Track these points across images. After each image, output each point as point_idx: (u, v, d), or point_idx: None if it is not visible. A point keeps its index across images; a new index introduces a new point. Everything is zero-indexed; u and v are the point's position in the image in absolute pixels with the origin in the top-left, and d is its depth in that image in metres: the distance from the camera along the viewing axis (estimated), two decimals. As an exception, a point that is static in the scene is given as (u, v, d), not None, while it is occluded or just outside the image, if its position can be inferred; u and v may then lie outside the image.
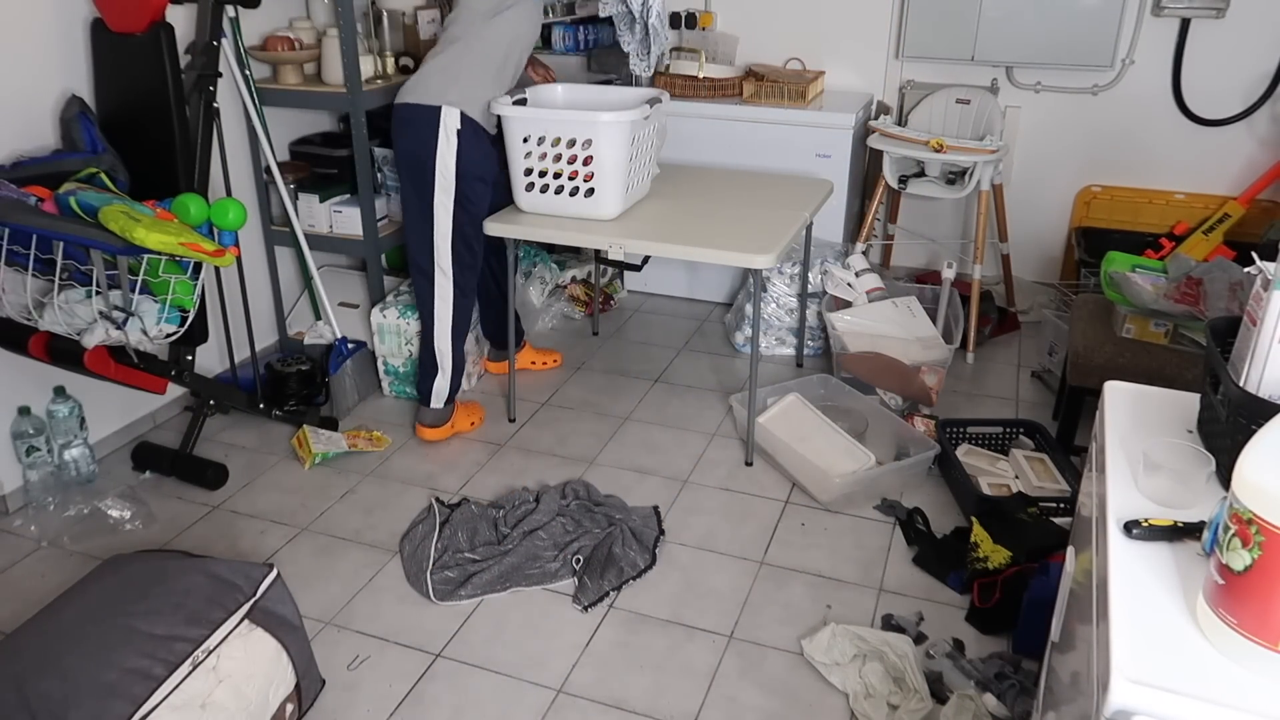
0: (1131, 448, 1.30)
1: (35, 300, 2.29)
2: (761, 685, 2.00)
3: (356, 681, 2.02)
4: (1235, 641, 0.94)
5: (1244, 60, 3.38)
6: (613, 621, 2.18)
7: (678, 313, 3.85)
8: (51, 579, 2.30)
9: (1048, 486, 2.50)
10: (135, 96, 2.55)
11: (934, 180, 3.49)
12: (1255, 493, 0.90)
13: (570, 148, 2.61)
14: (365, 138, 2.96)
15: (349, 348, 3.09)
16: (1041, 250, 3.91)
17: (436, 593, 2.24)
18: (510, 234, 2.74)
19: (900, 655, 1.98)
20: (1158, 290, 2.47)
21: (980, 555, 2.22)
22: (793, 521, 2.53)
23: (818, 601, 2.24)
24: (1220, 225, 3.39)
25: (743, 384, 3.25)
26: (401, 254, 3.49)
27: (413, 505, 2.59)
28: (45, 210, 2.20)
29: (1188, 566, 1.08)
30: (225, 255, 2.23)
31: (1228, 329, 1.27)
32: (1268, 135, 3.46)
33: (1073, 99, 3.64)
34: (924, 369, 2.93)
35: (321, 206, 3.10)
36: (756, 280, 2.65)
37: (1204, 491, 1.18)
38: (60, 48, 2.51)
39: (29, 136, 2.46)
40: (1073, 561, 1.44)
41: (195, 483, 2.67)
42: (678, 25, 3.94)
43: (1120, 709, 0.92)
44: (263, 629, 1.75)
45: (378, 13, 3.09)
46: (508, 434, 2.96)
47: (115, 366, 2.37)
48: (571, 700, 1.97)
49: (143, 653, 1.58)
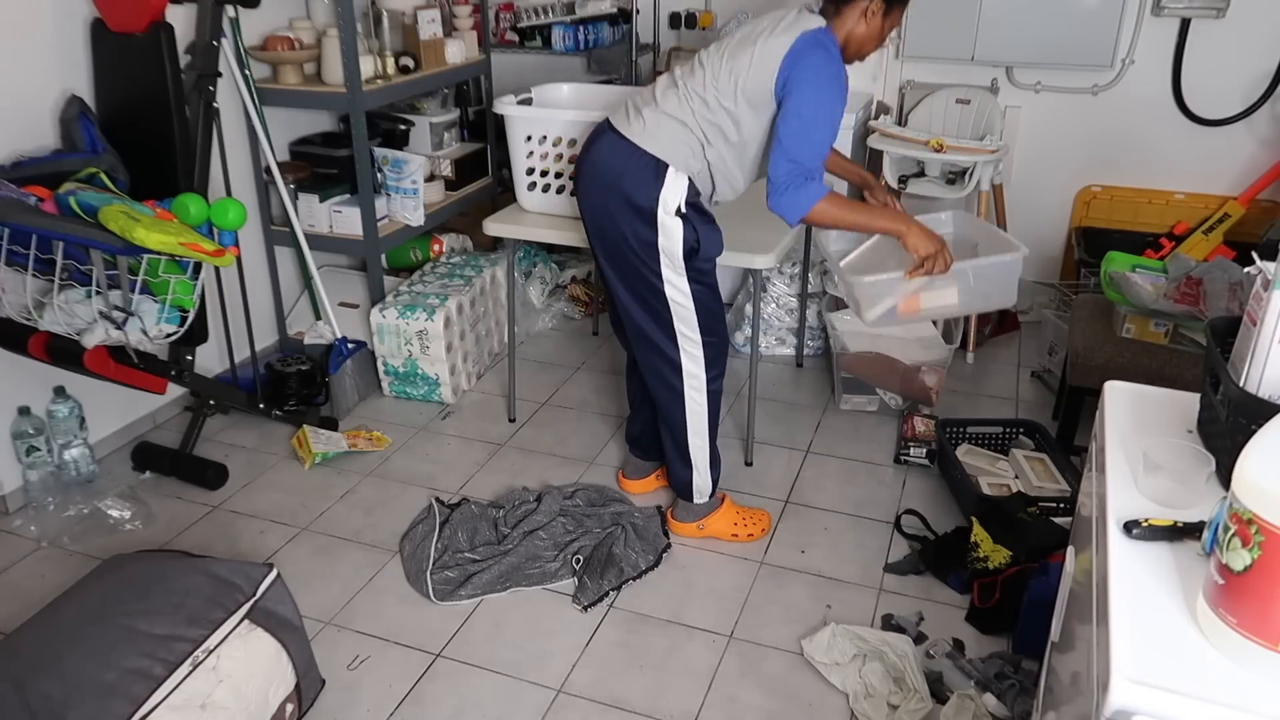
0: (1131, 448, 1.30)
1: (35, 300, 2.29)
2: (761, 685, 2.00)
3: (356, 681, 2.02)
4: (1235, 641, 0.94)
5: (1244, 60, 3.38)
6: (613, 621, 2.18)
7: (678, 313, 3.85)
8: (51, 579, 2.30)
9: (1048, 486, 2.50)
10: (135, 96, 2.55)
11: (934, 180, 3.49)
12: (1255, 493, 0.90)
13: (572, 147, 2.61)
14: (365, 138, 2.96)
15: (349, 348, 3.09)
16: (1041, 250, 3.90)
17: (436, 593, 2.24)
18: (511, 234, 2.74)
19: (900, 655, 1.98)
20: (1158, 290, 2.47)
21: (980, 555, 2.22)
22: (793, 521, 2.53)
23: (818, 601, 2.24)
24: (1220, 225, 3.39)
25: (743, 384, 3.25)
26: (402, 254, 3.50)
27: (413, 505, 2.59)
28: (45, 210, 2.20)
29: (1188, 566, 1.08)
30: (225, 255, 2.23)
31: (1228, 329, 1.27)
32: (1268, 135, 3.45)
33: (1073, 99, 3.64)
34: (924, 369, 2.93)
35: (321, 206, 3.10)
36: (756, 280, 2.65)
37: (1204, 491, 1.18)
38: (60, 48, 2.51)
39: (29, 136, 2.46)
40: (1073, 561, 1.44)
41: (195, 483, 2.67)
42: (678, 25, 3.94)
43: (1120, 709, 0.92)
44: (263, 629, 1.75)
45: (378, 13, 3.09)
46: (508, 434, 2.96)
47: (115, 366, 2.37)
48: (571, 700, 1.97)
49: (143, 653, 1.58)
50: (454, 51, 3.31)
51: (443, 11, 3.29)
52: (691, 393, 2.28)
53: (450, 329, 3.06)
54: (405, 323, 3.02)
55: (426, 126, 3.38)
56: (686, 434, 2.33)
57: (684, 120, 2.07)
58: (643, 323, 2.23)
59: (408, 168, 3.12)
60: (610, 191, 2.11)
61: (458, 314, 3.10)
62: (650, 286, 2.16)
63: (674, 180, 2.07)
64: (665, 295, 2.16)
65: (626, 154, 2.09)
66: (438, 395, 3.12)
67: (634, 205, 2.09)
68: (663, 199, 2.07)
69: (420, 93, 3.29)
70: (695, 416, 2.31)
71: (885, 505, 2.58)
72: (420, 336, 3.02)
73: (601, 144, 2.14)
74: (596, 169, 2.14)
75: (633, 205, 2.09)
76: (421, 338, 3.02)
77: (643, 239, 2.11)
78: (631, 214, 2.09)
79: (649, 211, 2.08)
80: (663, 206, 2.07)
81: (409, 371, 3.10)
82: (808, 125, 1.99)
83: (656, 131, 2.08)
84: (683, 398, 2.29)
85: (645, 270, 2.14)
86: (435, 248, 3.50)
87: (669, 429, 2.36)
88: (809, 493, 2.65)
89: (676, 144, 2.07)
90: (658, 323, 2.21)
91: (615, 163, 2.10)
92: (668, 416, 2.34)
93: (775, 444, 2.89)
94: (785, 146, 2.00)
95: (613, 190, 2.10)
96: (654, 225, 2.09)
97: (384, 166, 3.15)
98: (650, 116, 2.09)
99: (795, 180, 2.01)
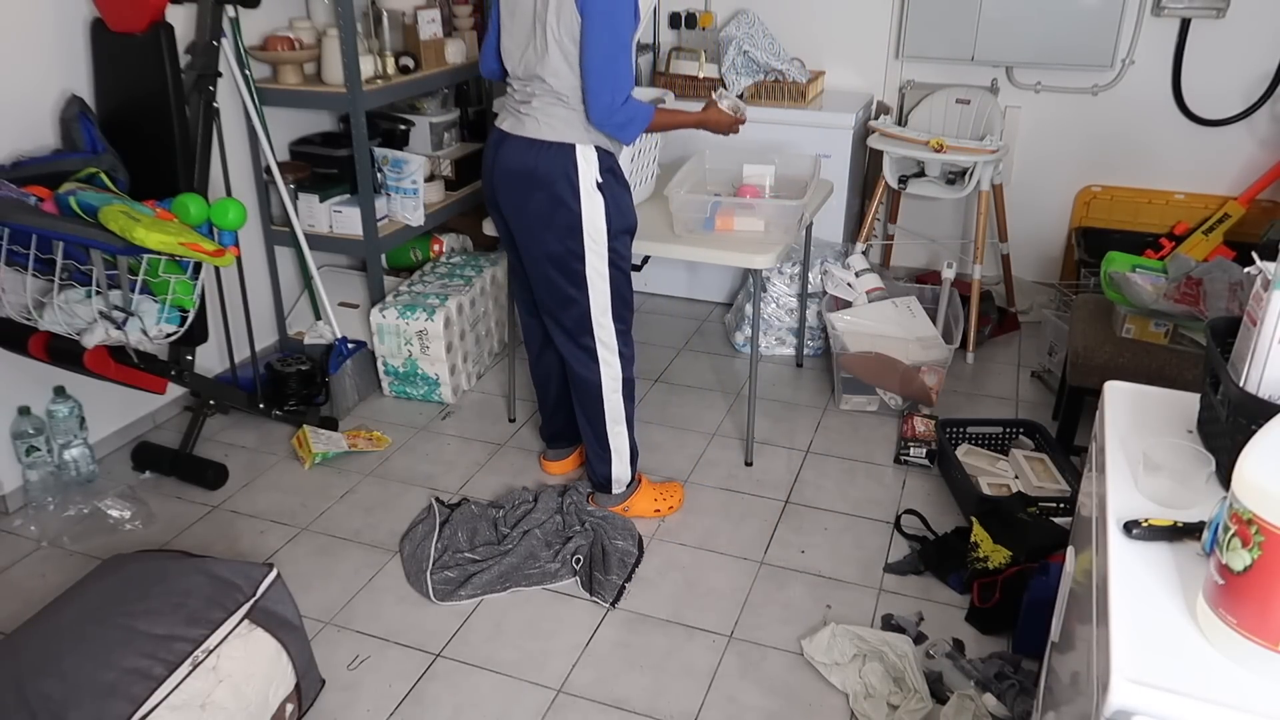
0: (1131, 448, 1.30)
1: (35, 300, 2.29)
2: (761, 685, 2.00)
3: (356, 681, 2.02)
4: (1235, 641, 0.94)
5: (1244, 60, 3.38)
6: (613, 621, 2.18)
7: (678, 313, 3.85)
8: (51, 579, 2.30)
9: (1048, 486, 2.50)
10: (135, 96, 2.55)
11: (934, 180, 3.49)
12: (1255, 493, 0.90)
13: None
14: (365, 138, 2.96)
15: (349, 348, 3.09)
16: (1041, 250, 3.90)
17: (436, 593, 2.24)
18: (510, 234, 2.74)
19: (900, 655, 1.98)
20: (1158, 290, 2.47)
21: (980, 555, 2.22)
22: (793, 521, 2.53)
23: (818, 601, 2.24)
24: (1220, 225, 3.39)
25: (743, 384, 3.25)
26: (402, 254, 3.49)
27: (413, 505, 2.59)
28: (45, 210, 2.20)
29: (1188, 566, 1.08)
30: (225, 255, 2.23)
31: (1228, 329, 1.27)
32: (1268, 135, 3.45)
33: (1073, 99, 3.64)
34: (924, 369, 2.93)
35: (321, 206, 3.10)
36: (756, 280, 2.65)
37: (1204, 491, 1.18)
38: (60, 48, 2.51)
39: (29, 136, 2.46)
40: (1073, 561, 1.44)
41: (195, 483, 2.67)
42: (678, 25, 3.95)
43: (1120, 709, 0.92)
44: (263, 629, 1.75)
45: (378, 13, 3.09)
46: (508, 434, 2.95)
47: (115, 366, 2.37)
48: (571, 700, 1.97)
49: (142, 653, 1.58)
50: (454, 51, 3.31)
51: (443, 11, 3.28)
52: (609, 380, 2.39)
53: (450, 329, 3.06)
54: (405, 323, 3.01)
55: (426, 126, 3.38)
56: (605, 423, 2.42)
57: (560, 97, 2.13)
58: (561, 314, 2.32)
59: (408, 168, 3.12)
60: (527, 188, 2.19)
61: (458, 314, 3.10)
62: (571, 272, 2.25)
63: (584, 154, 2.15)
64: (586, 279, 2.25)
65: (534, 150, 2.17)
66: (438, 395, 3.12)
67: (553, 194, 2.16)
68: (582, 176, 2.15)
69: (420, 93, 3.29)
70: (613, 405, 2.41)
71: (885, 505, 2.58)
72: (420, 336, 3.02)
73: (506, 149, 2.22)
74: (510, 173, 2.22)
75: (552, 194, 2.17)
76: (421, 338, 3.02)
77: (566, 224, 2.19)
78: (552, 203, 2.18)
79: (571, 192, 2.16)
80: (583, 183, 2.16)
81: (409, 371, 3.10)
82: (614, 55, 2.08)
83: (550, 120, 2.15)
84: (600, 387, 2.39)
85: (569, 257, 2.23)
86: (435, 248, 3.50)
87: (588, 419, 2.45)
88: (809, 493, 2.65)
89: (572, 122, 2.14)
90: (575, 311, 2.30)
91: (526, 160, 2.18)
92: (587, 406, 2.43)
93: (775, 444, 2.89)
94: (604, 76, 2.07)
95: (529, 186, 2.19)
96: (577, 204, 2.17)
97: (384, 166, 3.15)
98: (537, 111, 2.16)
99: (626, 106, 2.11)
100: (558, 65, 2.10)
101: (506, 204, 2.27)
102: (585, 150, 2.15)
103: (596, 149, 2.16)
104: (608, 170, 2.19)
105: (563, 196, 2.16)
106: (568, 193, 2.16)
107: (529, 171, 2.18)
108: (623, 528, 2.45)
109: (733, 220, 2.58)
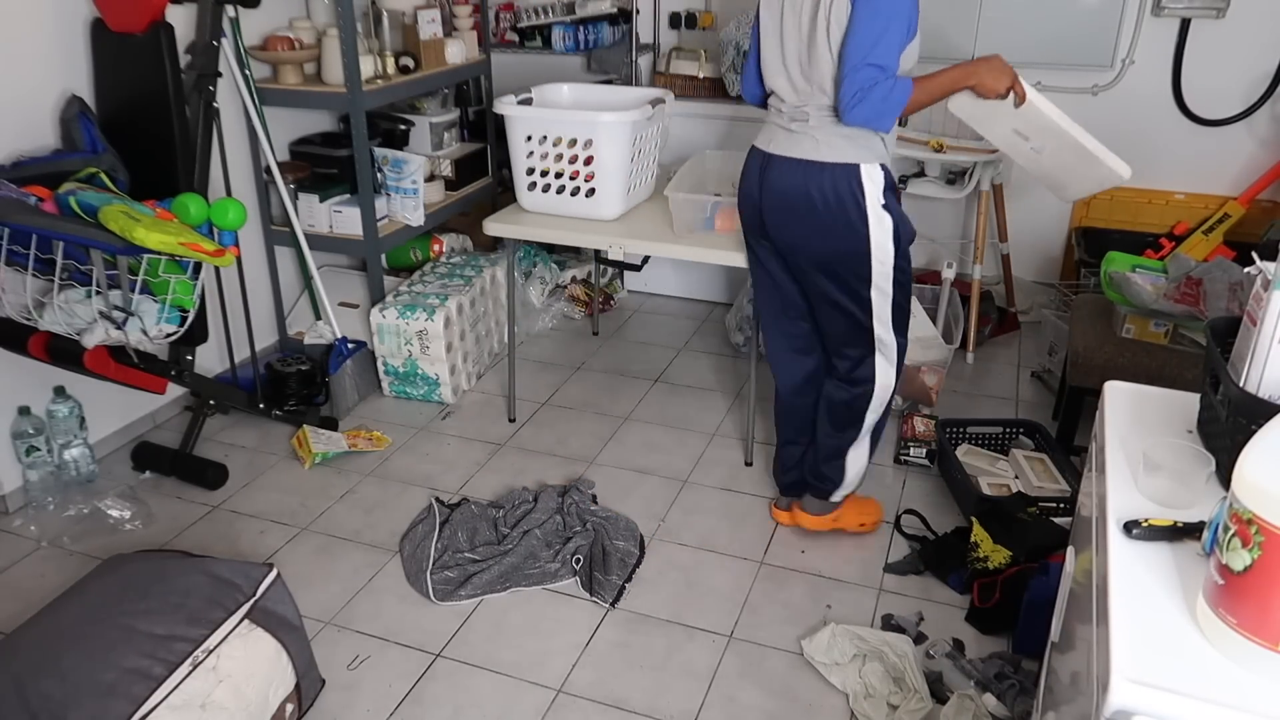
0: (1131, 448, 1.30)
1: (35, 300, 2.29)
2: (761, 685, 2.00)
3: (356, 681, 2.02)
4: (1235, 641, 0.94)
5: (1244, 60, 3.38)
6: (613, 621, 2.18)
7: (678, 313, 3.85)
8: (51, 579, 2.30)
9: (1048, 486, 2.50)
10: (135, 96, 2.55)
11: (934, 180, 3.48)
12: (1255, 493, 0.90)
13: (572, 147, 2.61)
14: (365, 138, 2.96)
15: (349, 348, 3.09)
16: (1041, 250, 3.90)
17: (436, 593, 2.24)
18: (511, 234, 2.74)
19: (900, 655, 1.98)
20: (1158, 290, 2.47)
21: (980, 555, 2.22)
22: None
23: (818, 601, 2.24)
24: (1220, 225, 3.39)
25: (743, 384, 3.25)
26: (402, 254, 3.50)
27: (413, 505, 2.59)
28: (45, 210, 2.20)
29: (1188, 566, 1.08)
30: (225, 255, 2.23)
31: (1228, 329, 1.27)
32: (1268, 135, 3.45)
33: (1073, 99, 3.63)
34: (924, 369, 2.93)
35: (321, 206, 3.10)
36: (757, 280, 2.65)
37: (1204, 491, 1.18)
38: (60, 48, 2.51)
39: (29, 136, 2.46)
40: (1073, 561, 1.44)
41: (195, 483, 2.67)
42: (678, 25, 3.95)
43: (1120, 709, 0.92)
44: (263, 629, 1.75)
45: (378, 13, 3.09)
46: (508, 434, 2.96)
47: (115, 366, 2.37)
48: (571, 700, 1.97)
49: (142, 653, 1.58)
50: (454, 51, 3.31)
51: (443, 11, 3.28)
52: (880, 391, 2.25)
53: (450, 329, 3.06)
54: (405, 323, 3.01)
55: (426, 126, 3.38)
56: (859, 434, 2.31)
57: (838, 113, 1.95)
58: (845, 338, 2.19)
59: (408, 168, 3.12)
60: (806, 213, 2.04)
61: (458, 314, 3.10)
62: (856, 296, 2.11)
63: (869, 174, 2.00)
64: (871, 301, 2.11)
65: (813, 172, 2.01)
66: (438, 395, 3.12)
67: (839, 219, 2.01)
68: (869, 197, 2.00)
69: (420, 93, 3.29)
70: (872, 419, 2.29)
71: (885, 505, 2.58)
72: (420, 336, 3.02)
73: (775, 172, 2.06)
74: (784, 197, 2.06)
75: (837, 219, 2.01)
76: (421, 338, 3.02)
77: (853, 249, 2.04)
78: (838, 229, 2.02)
79: (860, 215, 2.00)
80: (870, 205, 2.00)
81: (409, 371, 3.10)
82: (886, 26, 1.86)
83: (829, 139, 2.00)
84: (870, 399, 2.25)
85: (855, 281, 2.08)
86: (435, 248, 3.50)
87: (836, 431, 2.31)
88: (809, 493, 2.65)
89: (855, 139, 1.99)
90: (859, 333, 2.17)
91: (803, 183, 2.02)
92: (842, 421, 2.29)
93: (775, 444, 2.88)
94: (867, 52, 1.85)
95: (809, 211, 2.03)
96: (865, 228, 2.01)
97: (384, 166, 3.15)
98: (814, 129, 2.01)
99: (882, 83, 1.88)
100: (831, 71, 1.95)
101: (779, 231, 2.11)
102: (871, 170, 1.99)
103: (881, 167, 2.01)
104: (889, 188, 2.03)
105: (851, 220, 2.00)
106: (855, 216, 2.00)
107: (807, 195, 2.01)
108: (624, 528, 2.44)
109: (733, 220, 2.57)
